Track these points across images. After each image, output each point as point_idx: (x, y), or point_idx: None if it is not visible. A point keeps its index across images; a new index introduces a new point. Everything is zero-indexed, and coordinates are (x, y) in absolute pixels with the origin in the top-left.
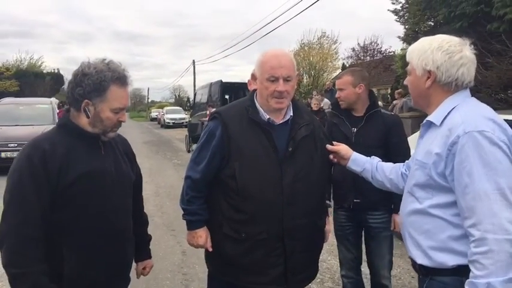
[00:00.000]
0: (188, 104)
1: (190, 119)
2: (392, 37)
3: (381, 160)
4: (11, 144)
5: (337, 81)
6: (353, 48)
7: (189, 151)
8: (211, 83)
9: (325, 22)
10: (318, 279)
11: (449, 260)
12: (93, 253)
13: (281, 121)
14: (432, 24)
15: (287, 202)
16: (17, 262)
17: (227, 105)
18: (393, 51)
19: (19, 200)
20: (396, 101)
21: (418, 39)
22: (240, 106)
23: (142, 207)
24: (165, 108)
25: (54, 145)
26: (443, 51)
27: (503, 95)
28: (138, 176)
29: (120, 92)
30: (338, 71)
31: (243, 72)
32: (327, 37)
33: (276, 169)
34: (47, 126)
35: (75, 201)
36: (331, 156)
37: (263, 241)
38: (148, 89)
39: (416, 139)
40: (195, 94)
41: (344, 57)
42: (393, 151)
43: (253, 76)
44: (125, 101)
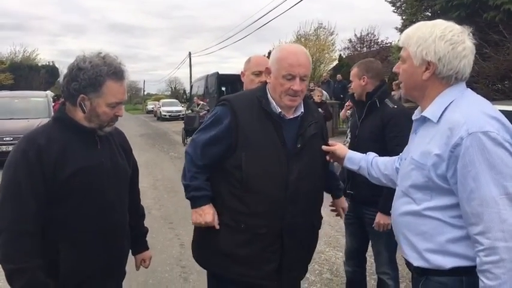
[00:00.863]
0: (184, 97)
1: (187, 112)
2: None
3: (377, 155)
4: (6, 137)
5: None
6: (350, 39)
7: (185, 144)
8: (207, 75)
9: (321, 13)
10: (317, 270)
11: (447, 263)
12: (88, 248)
13: (291, 116)
14: (430, 14)
15: (290, 199)
16: (13, 258)
17: (236, 93)
18: (390, 42)
19: (14, 196)
20: (394, 92)
21: None
22: (251, 96)
23: (139, 200)
24: (161, 100)
25: (49, 140)
26: (446, 40)
27: (500, 86)
28: (135, 169)
29: (116, 87)
30: (335, 63)
31: (239, 64)
32: (324, 28)
33: (283, 164)
34: (42, 119)
35: (71, 196)
36: (327, 156)
37: (262, 235)
38: (144, 82)
39: None
40: (192, 86)
41: (341, 48)
42: (389, 146)
43: (267, 70)
44: (121, 96)
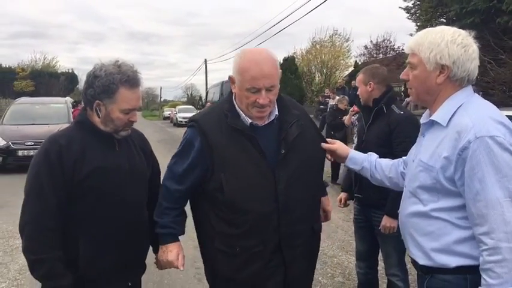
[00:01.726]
0: (200, 103)
1: None
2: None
3: (379, 156)
4: (28, 142)
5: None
6: (365, 45)
7: None
8: (223, 82)
9: (337, 19)
10: (329, 273)
11: (452, 262)
12: (106, 243)
13: (266, 122)
14: (444, 21)
15: (283, 209)
16: (34, 249)
17: (205, 110)
18: None
19: (37, 192)
20: (409, 98)
21: None
22: (219, 111)
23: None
24: (178, 107)
25: (70, 141)
26: (458, 44)
27: None
28: (156, 170)
29: (129, 94)
30: (350, 69)
31: None
32: (339, 35)
33: (267, 175)
34: (62, 125)
35: (89, 194)
36: (327, 155)
37: (259, 253)
38: (160, 88)
39: None
40: (207, 93)
41: (356, 54)
42: (396, 151)
43: (232, 80)
44: (135, 102)
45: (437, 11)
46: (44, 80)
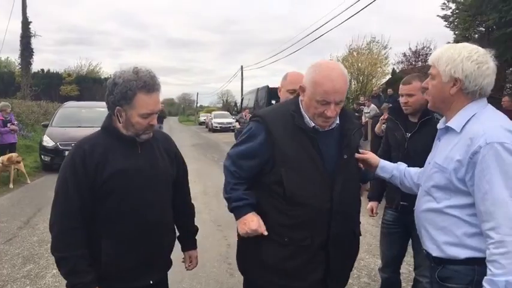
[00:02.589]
0: (235, 109)
1: (235, 125)
2: (443, 42)
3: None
4: (74, 144)
5: (405, 86)
6: (404, 53)
7: None
8: (258, 89)
9: (376, 26)
10: (355, 275)
11: (461, 254)
12: (127, 243)
13: (326, 129)
14: (483, 29)
15: (335, 210)
16: (59, 247)
17: (268, 108)
18: None
19: (63, 194)
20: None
21: None
22: (284, 110)
23: (188, 200)
24: (213, 112)
25: (93, 145)
26: (472, 61)
27: None
28: (182, 171)
29: (146, 99)
30: (388, 77)
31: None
32: (377, 42)
33: (324, 176)
34: None
35: (111, 195)
36: (360, 164)
37: (306, 247)
38: (197, 94)
39: None
40: (242, 99)
41: (394, 62)
42: None
43: (301, 88)
44: (152, 107)
45: (475, 20)
46: (88, 85)
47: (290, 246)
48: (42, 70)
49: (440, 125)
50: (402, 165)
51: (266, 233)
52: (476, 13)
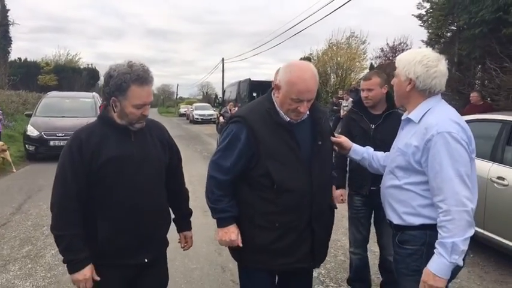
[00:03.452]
0: (217, 101)
1: (219, 119)
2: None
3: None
4: (59, 133)
5: (365, 82)
6: (382, 48)
7: None
8: (240, 81)
9: (355, 20)
10: (333, 253)
11: (416, 221)
12: (121, 224)
13: (298, 120)
14: (455, 28)
15: (315, 191)
16: (58, 226)
17: (245, 108)
18: None
19: (61, 179)
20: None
21: (441, 43)
22: (260, 109)
23: (182, 185)
24: (194, 104)
25: (89, 135)
26: (423, 65)
27: None
28: (176, 158)
29: (139, 91)
30: (366, 71)
31: (271, 70)
32: (356, 37)
33: (303, 163)
34: (89, 118)
35: (105, 180)
36: (334, 147)
37: (294, 227)
38: (177, 86)
39: None
40: (224, 91)
41: (372, 57)
42: None
43: (277, 86)
44: (145, 98)
45: (448, 20)
46: (67, 75)
47: (280, 229)
48: (19, 59)
49: (403, 117)
50: (370, 149)
51: (241, 245)
52: (448, 13)
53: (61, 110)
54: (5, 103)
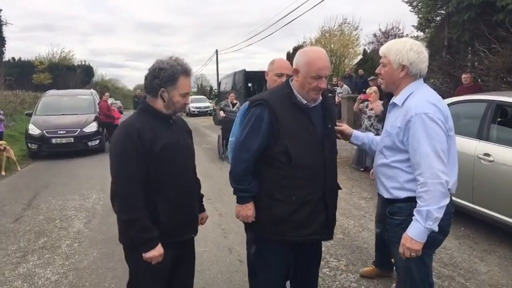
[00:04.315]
0: (213, 93)
1: (219, 113)
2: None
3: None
4: (60, 131)
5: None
6: (374, 33)
7: (223, 157)
8: (235, 72)
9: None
10: None
11: (402, 194)
12: (176, 204)
13: (314, 105)
14: (444, 13)
15: (326, 169)
16: (128, 210)
17: (265, 93)
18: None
19: (125, 165)
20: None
21: (431, 27)
22: (280, 93)
23: (196, 172)
24: (190, 97)
25: (142, 124)
26: (414, 51)
27: (510, 79)
28: (194, 148)
29: (186, 81)
30: (359, 57)
31: (265, 59)
32: (348, 23)
33: (318, 142)
34: (90, 115)
35: (162, 165)
36: (338, 134)
37: (309, 201)
38: None
39: None
40: (220, 83)
41: (365, 43)
42: None
43: (296, 70)
44: (189, 88)
45: (437, 5)
46: (61, 73)
47: (296, 202)
48: (13, 59)
49: (391, 102)
50: (371, 134)
51: (253, 220)
52: None
53: (60, 108)
54: (3, 103)
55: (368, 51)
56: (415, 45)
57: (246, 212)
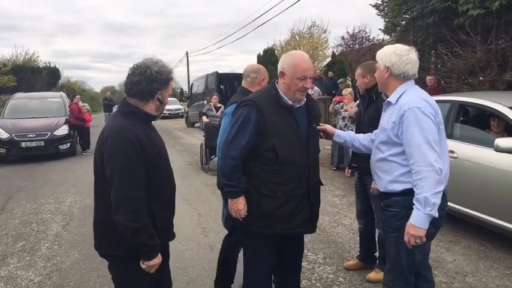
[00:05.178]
0: (185, 95)
1: (205, 119)
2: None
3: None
4: (30, 134)
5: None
6: (342, 36)
7: (205, 169)
8: (207, 75)
9: (316, 9)
10: (321, 220)
11: (398, 187)
12: (167, 207)
13: (299, 105)
14: (408, 17)
15: (310, 165)
16: (137, 218)
17: (252, 94)
18: (381, 39)
19: (130, 172)
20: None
21: (397, 31)
22: (267, 95)
23: None
24: None
25: (136, 128)
26: (396, 54)
27: (471, 80)
28: None
29: (172, 83)
30: (328, 60)
31: (235, 61)
32: (317, 26)
33: (303, 141)
34: (60, 118)
35: (157, 169)
36: (321, 134)
37: (294, 196)
38: None
39: None
40: (191, 85)
41: (334, 45)
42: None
43: (282, 73)
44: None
45: (402, 9)
46: (26, 75)
47: (282, 197)
48: None
49: (385, 100)
50: (352, 132)
51: (246, 214)
52: (402, 3)
53: (30, 111)
54: None
55: (336, 53)
56: (399, 49)
57: (238, 206)
